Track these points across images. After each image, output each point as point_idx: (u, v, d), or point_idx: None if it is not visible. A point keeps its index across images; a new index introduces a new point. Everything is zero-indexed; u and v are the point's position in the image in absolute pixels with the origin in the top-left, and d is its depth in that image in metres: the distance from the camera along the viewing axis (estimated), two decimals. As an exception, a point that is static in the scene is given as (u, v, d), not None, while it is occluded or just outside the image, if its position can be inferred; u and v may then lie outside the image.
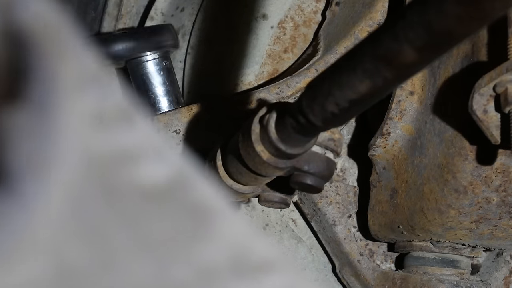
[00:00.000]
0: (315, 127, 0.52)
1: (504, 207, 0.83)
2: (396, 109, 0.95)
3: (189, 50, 1.19)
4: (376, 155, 0.97)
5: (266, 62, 1.13)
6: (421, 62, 0.40)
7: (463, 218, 0.85)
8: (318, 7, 1.15)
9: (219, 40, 1.16)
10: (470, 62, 0.82)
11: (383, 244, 1.10)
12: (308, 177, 0.61)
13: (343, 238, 1.07)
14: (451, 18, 0.35)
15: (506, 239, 0.90)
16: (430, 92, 0.91)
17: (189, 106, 0.96)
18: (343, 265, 1.09)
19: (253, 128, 0.59)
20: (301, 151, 0.58)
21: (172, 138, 0.95)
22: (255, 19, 1.14)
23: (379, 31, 0.41)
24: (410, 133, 0.94)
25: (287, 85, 0.98)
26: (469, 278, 0.99)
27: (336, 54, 1.00)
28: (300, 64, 1.07)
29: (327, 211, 1.07)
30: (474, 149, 0.80)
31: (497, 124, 0.71)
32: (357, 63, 0.43)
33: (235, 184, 0.71)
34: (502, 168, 0.79)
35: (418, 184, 0.90)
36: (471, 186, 0.81)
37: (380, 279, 1.04)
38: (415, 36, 0.38)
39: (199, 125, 0.95)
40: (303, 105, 0.50)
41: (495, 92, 0.70)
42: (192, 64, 1.17)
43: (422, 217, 0.89)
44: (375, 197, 1.00)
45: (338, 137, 0.64)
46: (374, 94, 0.44)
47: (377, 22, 1.01)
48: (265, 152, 0.59)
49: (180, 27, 1.23)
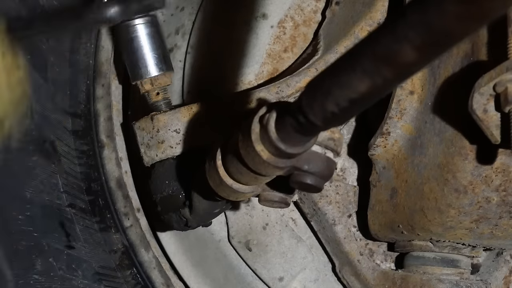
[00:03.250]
0: (315, 127, 0.52)
1: (504, 207, 0.83)
2: (396, 108, 0.95)
3: (189, 50, 1.19)
4: (376, 154, 0.97)
5: (266, 61, 1.13)
6: (421, 62, 0.40)
7: (463, 217, 0.85)
8: (318, 7, 1.15)
9: (219, 39, 1.16)
10: (470, 62, 0.82)
11: (383, 244, 1.10)
12: (308, 177, 0.61)
13: (343, 237, 1.07)
14: (451, 17, 0.36)
15: (506, 238, 0.90)
16: (430, 92, 0.91)
17: (189, 105, 0.96)
18: (343, 264, 1.09)
19: (253, 128, 0.59)
20: (301, 151, 0.58)
21: (172, 138, 0.95)
22: (255, 19, 1.14)
23: (379, 31, 0.41)
24: (410, 132, 0.94)
25: (287, 85, 0.98)
26: (469, 278, 0.99)
27: (336, 53, 1.00)
28: (300, 63, 1.07)
29: (327, 210, 1.07)
30: (474, 148, 0.80)
31: (497, 124, 0.71)
32: (357, 63, 0.43)
33: (235, 183, 0.71)
34: (502, 167, 0.79)
35: (418, 183, 0.90)
36: (471, 185, 0.81)
37: (380, 278, 1.04)
38: (415, 35, 0.38)
39: (199, 124, 0.95)
40: (303, 105, 0.50)
41: (495, 91, 0.70)
42: (192, 64, 1.17)
43: (422, 217, 0.89)
44: (375, 196, 1.00)
45: (338, 136, 0.64)
46: (374, 93, 0.44)
47: (377, 22, 1.01)
48: (265, 151, 0.59)
49: (180, 27, 1.23)
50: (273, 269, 1.13)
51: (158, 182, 0.96)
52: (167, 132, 0.94)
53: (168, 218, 0.97)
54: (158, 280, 1.13)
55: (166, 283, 1.13)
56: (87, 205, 1.10)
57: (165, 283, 1.13)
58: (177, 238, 1.20)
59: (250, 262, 1.14)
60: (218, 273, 1.18)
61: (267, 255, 1.13)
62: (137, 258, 1.12)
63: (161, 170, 0.96)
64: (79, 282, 1.01)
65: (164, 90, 0.98)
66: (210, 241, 1.17)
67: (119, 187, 1.13)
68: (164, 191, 0.95)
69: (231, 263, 1.17)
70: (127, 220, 1.13)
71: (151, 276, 1.12)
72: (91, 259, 1.06)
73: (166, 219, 0.98)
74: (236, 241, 1.14)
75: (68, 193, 1.06)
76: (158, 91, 0.98)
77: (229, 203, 0.96)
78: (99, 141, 1.14)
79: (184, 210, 0.95)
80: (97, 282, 1.04)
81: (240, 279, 1.17)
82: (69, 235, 1.03)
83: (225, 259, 1.17)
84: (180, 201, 0.95)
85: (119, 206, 1.13)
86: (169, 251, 1.19)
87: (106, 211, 1.12)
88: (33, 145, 1.02)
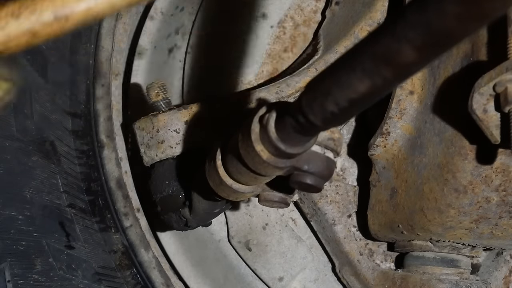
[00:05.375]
0: (314, 127, 0.52)
1: (504, 207, 0.83)
2: (396, 108, 0.95)
3: (189, 50, 1.19)
4: (376, 154, 0.97)
5: (266, 61, 1.13)
6: (420, 62, 0.40)
7: (463, 217, 0.85)
8: (318, 7, 1.15)
9: (219, 39, 1.16)
10: (470, 62, 0.82)
11: (383, 244, 1.10)
12: (307, 177, 0.61)
13: (343, 237, 1.07)
14: (451, 17, 0.35)
15: (506, 238, 0.90)
16: (430, 92, 0.91)
17: (189, 105, 0.96)
18: (343, 264, 1.09)
19: (252, 128, 0.59)
20: (301, 151, 0.58)
21: (172, 138, 0.95)
22: (255, 19, 1.14)
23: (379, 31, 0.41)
24: (410, 132, 0.94)
25: (287, 85, 0.98)
26: (469, 278, 0.99)
27: (336, 53, 1.00)
28: (300, 63, 1.07)
29: (327, 210, 1.07)
30: (474, 148, 0.80)
31: (497, 124, 0.71)
32: (357, 63, 0.43)
33: (235, 183, 0.71)
34: (502, 167, 0.79)
35: (418, 183, 0.90)
36: (471, 185, 0.81)
37: (380, 278, 1.04)
38: (415, 35, 0.38)
39: (199, 124, 0.95)
40: (303, 105, 0.50)
41: (495, 91, 0.70)
42: (192, 64, 1.17)
43: (422, 217, 0.89)
44: (375, 196, 1.00)
45: (338, 136, 0.64)
46: (373, 93, 0.44)
47: (377, 22, 1.01)
48: (264, 151, 0.59)
49: (180, 27, 1.23)
50: (273, 269, 1.13)
51: (158, 182, 0.96)
52: (167, 132, 0.94)
53: (168, 218, 0.97)
54: (158, 280, 1.13)
55: (166, 283, 1.13)
56: (87, 205, 1.10)
57: (165, 283, 1.13)
58: (177, 238, 1.20)
59: (250, 262, 1.14)
60: (218, 273, 1.18)
61: (267, 255, 1.13)
62: (137, 258, 1.12)
63: (161, 170, 0.96)
64: (79, 282, 1.01)
65: (164, 90, 0.98)
66: (210, 241, 1.17)
67: (119, 187, 1.13)
68: (164, 191, 0.95)
69: (231, 263, 1.17)
70: (127, 220, 1.13)
71: (151, 276, 1.12)
72: (91, 259, 1.06)
73: (166, 219, 0.98)
74: (236, 241, 1.14)
75: (68, 193, 1.06)
76: (158, 91, 0.98)
77: (229, 203, 0.96)
78: (99, 141, 1.14)
79: (184, 210, 0.95)
80: (97, 282, 1.04)
81: (240, 279, 1.17)
82: (69, 235, 1.03)
83: (225, 259, 1.17)
84: (180, 201, 0.95)
85: (119, 206, 1.13)
86: (169, 251, 1.19)
87: (106, 211, 1.12)
88: (33, 145, 1.02)
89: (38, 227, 0.98)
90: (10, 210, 0.95)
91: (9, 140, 0.98)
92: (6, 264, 0.91)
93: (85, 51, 1.15)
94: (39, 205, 0.99)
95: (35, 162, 1.01)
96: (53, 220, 1.01)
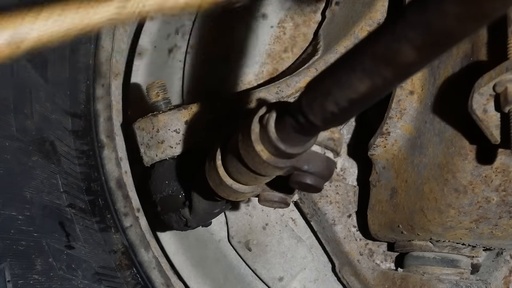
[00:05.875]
0: (314, 127, 0.52)
1: (504, 207, 0.83)
2: (396, 108, 0.95)
3: (189, 50, 1.19)
4: (376, 154, 0.97)
5: (266, 61, 1.13)
6: (420, 62, 0.40)
7: (463, 217, 0.85)
8: (318, 7, 1.15)
9: (219, 39, 1.16)
10: (470, 62, 0.82)
11: (383, 244, 1.10)
12: (307, 177, 0.61)
13: (343, 237, 1.07)
14: (451, 17, 0.35)
15: (506, 238, 0.90)
16: (430, 92, 0.91)
17: (189, 105, 0.96)
18: (343, 264, 1.09)
19: (252, 128, 0.59)
20: (301, 151, 0.58)
21: (172, 138, 0.95)
22: (255, 19, 1.14)
23: (379, 31, 0.41)
24: (410, 132, 0.94)
25: (287, 85, 0.98)
26: (469, 278, 0.99)
27: (336, 53, 1.00)
28: (300, 63, 1.07)
29: (327, 210, 1.07)
30: (474, 148, 0.80)
31: (497, 124, 0.71)
32: (357, 63, 0.43)
33: (234, 183, 0.71)
34: (502, 167, 0.79)
35: (418, 183, 0.89)
36: (471, 185, 0.81)
37: (379, 278, 1.04)
38: (415, 35, 0.38)
39: (199, 124, 0.95)
40: (303, 105, 0.50)
41: (495, 91, 0.70)
42: (192, 64, 1.17)
43: (422, 217, 0.89)
44: (375, 196, 1.00)
45: (338, 136, 0.64)
46: (373, 93, 0.44)
47: (377, 22, 1.01)
48: (264, 151, 0.59)
49: (180, 27, 1.23)
50: (273, 269, 1.13)
51: (158, 182, 0.96)
52: (167, 132, 0.94)
53: (168, 218, 0.97)
54: (158, 280, 1.13)
55: (166, 283, 1.13)
56: (87, 205, 1.10)
57: (165, 283, 1.13)
58: (177, 238, 1.20)
59: (250, 262, 1.14)
60: (218, 273, 1.18)
61: (267, 255, 1.13)
62: (137, 258, 1.12)
63: (161, 170, 0.96)
64: (79, 282, 1.01)
65: (164, 90, 0.98)
66: (210, 241, 1.17)
67: (119, 187, 1.13)
68: (164, 191, 0.95)
69: (231, 263, 1.17)
70: (127, 220, 1.13)
71: (151, 276, 1.12)
72: (91, 259, 1.06)
73: (166, 219, 0.98)
74: (236, 241, 1.14)
75: (68, 193, 1.06)
76: (158, 91, 0.98)
77: (229, 203, 0.96)
78: (99, 141, 1.14)
79: (184, 210, 0.95)
80: (97, 282, 1.04)
81: (240, 279, 1.17)
82: (69, 235, 1.03)
83: (225, 259, 1.17)
84: (180, 201, 0.95)
85: (119, 206, 1.13)
86: (169, 251, 1.19)
87: (106, 211, 1.12)
88: (33, 145, 1.02)
89: (38, 227, 0.98)
90: (10, 210, 0.95)
91: (9, 140, 0.98)
92: (6, 264, 0.91)
93: (85, 51, 1.15)
94: (39, 205, 0.99)
95: (35, 162, 1.01)
96: (53, 220, 1.01)
